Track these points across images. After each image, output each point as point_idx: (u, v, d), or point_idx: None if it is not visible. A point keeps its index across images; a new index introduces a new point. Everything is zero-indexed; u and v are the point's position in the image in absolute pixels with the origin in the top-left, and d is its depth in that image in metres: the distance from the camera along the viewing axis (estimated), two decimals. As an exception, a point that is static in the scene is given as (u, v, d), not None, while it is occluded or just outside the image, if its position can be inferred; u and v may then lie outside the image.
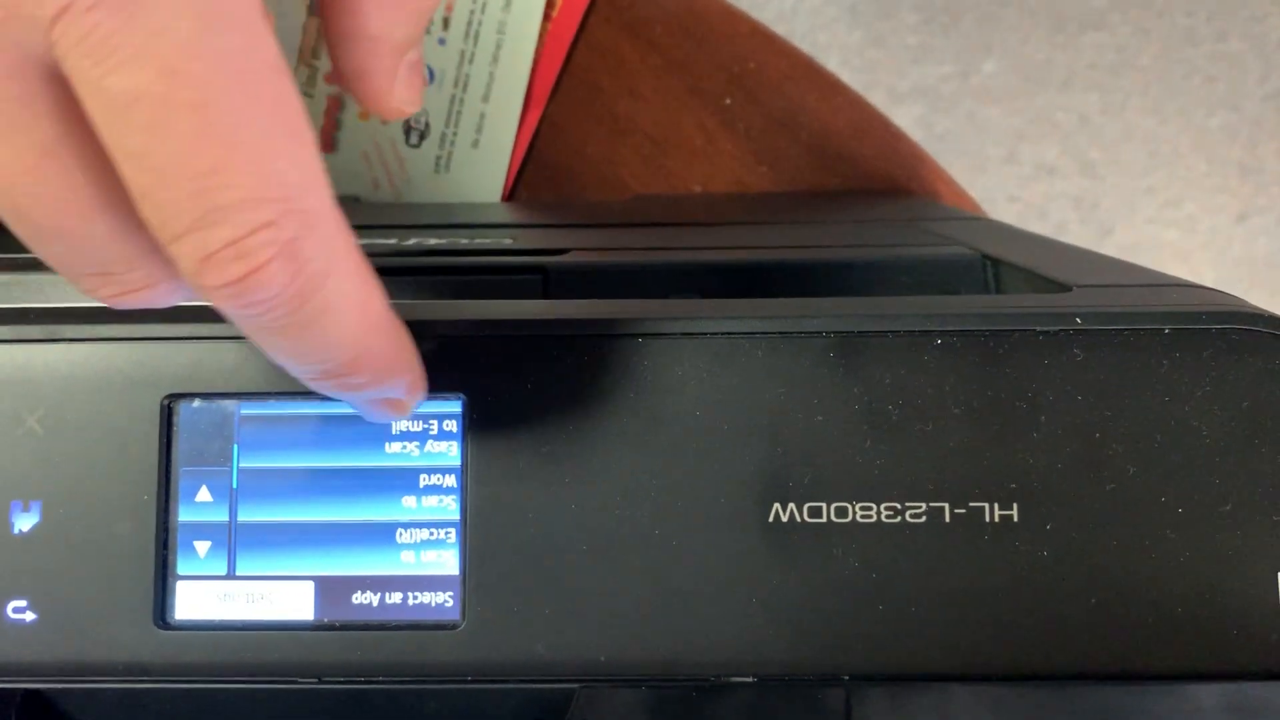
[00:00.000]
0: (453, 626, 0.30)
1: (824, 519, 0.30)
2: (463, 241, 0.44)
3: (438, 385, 0.31)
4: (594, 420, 0.30)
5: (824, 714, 0.31)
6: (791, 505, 0.30)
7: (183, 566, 0.31)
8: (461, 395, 0.31)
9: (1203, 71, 1.53)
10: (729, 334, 0.31)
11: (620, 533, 0.30)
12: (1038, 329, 0.30)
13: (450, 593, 0.31)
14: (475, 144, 0.63)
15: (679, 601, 0.30)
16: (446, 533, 0.31)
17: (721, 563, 0.30)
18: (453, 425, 0.31)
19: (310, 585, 0.31)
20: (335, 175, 0.63)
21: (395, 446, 0.31)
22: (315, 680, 0.30)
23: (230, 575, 0.31)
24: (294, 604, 0.31)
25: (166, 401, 0.31)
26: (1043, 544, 0.30)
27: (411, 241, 0.44)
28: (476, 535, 0.30)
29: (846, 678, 0.30)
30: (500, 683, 0.30)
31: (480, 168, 0.62)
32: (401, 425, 0.31)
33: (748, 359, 0.30)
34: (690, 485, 0.30)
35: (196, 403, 0.31)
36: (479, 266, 0.40)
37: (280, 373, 0.31)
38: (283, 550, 0.31)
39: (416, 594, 0.31)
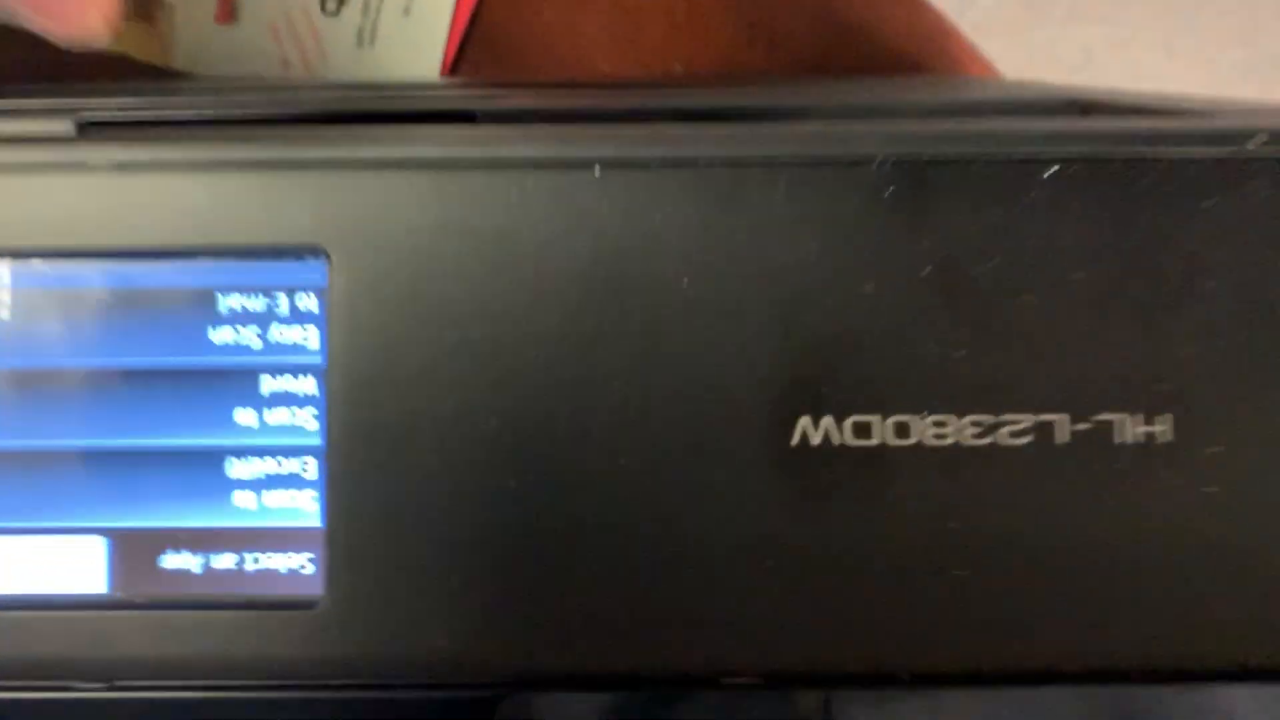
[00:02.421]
0: (311, 604, 0.20)
1: (874, 439, 0.20)
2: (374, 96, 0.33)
3: (286, 235, 0.20)
4: (527, 290, 0.20)
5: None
6: (826, 420, 0.20)
7: (-98, 515, 0.20)
8: (324, 253, 0.20)
9: (1216, 4, 1.43)
10: (734, 161, 0.20)
11: (561, 462, 0.20)
12: (1201, 152, 0.20)
13: (308, 554, 0.20)
14: (406, 11, 0.51)
15: (648, 571, 0.20)
16: (303, 463, 0.20)
17: (716, 513, 0.20)
18: (311, 300, 0.20)
19: (100, 544, 0.20)
20: (236, 52, 0.52)
21: (224, 334, 0.20)
22: (104, 686, 0.20)
23: (-26, 528, 0.20)
24: (75, 571, 0.20)
25: (-125, 265, 0.20)
26: (1206, 475, 0.19)
27: (308, 92, 0.33)
28: (348, 466, 0.20)
29: (908, 677, 0.20)
30: (379, 688, 0.20)
31: (412, 40, 0.51)
32: (233, 302, 0.20)
33: (761, 198, 0.20)
34: (675, 389, 0.20)
35: (-79, 267, 0.20)
36: (386, 112, 0.29)
37: (51, 219, 0.20)
38: (53, 492, 0.20)
39: (258, 555, 0.20)
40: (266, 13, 0.51)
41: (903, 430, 0.20)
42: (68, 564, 0.20)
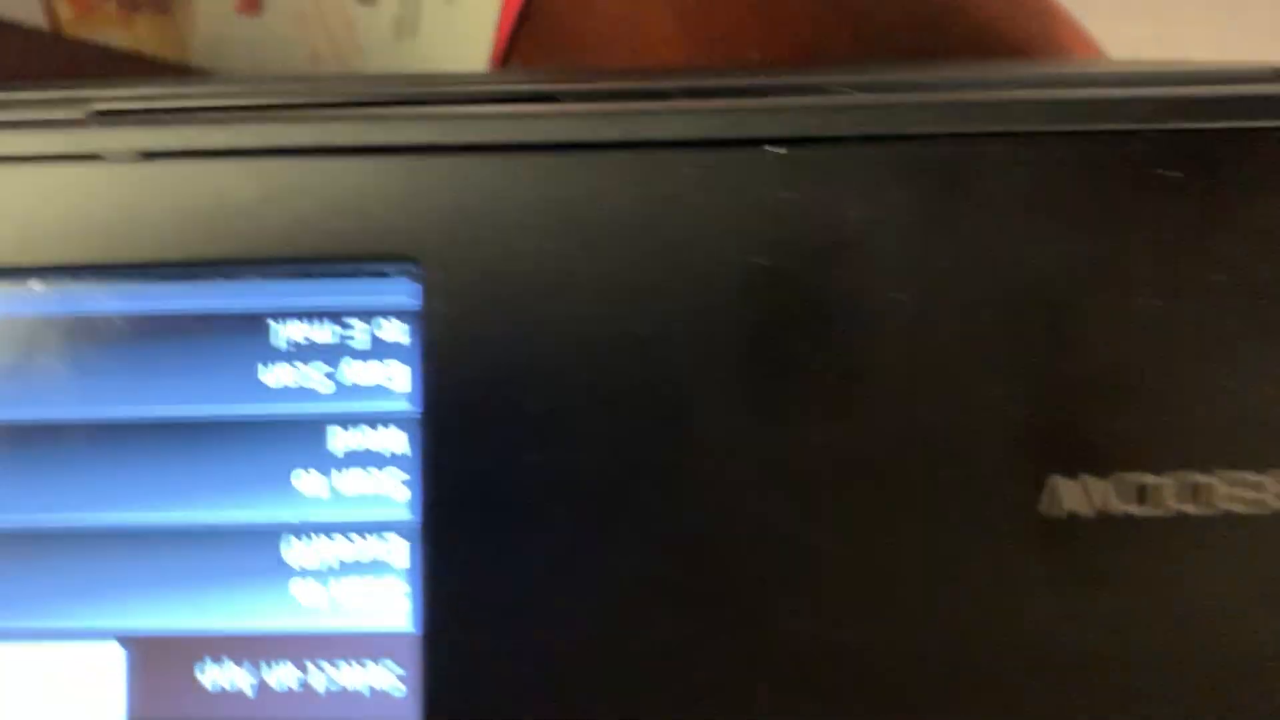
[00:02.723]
0: (401, 736, 0.15)
1: (1153, 507, 0.15)
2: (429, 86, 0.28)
3: (365, 246, 0.15)
4: (687, 308, 0.15)
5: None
6: (1085, 479, 0.15)
7: None
8: (416, 266, 0.15)
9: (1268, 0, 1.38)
10: (954, 133, 0.15)
11: (738, 547, 0.15)
12: None
13: (397, 669, 0.15)
14: (450, -2, 0.47)
15: (847, 682, 0.15)
16: (386, 544, 0.15)
17: (939, 596, 0.15)
18: (397, 329, 0.15)
19: (117, 652, 0.15)
20: (260, 44, 0.47)
21: (279, 374, 0.15)
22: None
23: (-48, 636, 0.15)
24: (84, 689, 0.15)
25: None
26: None
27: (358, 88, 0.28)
28: (450, 550, 0.15)
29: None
30: None
31: (457, 30, 0.46)
32: (291, 331, 0.15)
33: (993, 181, 0.15)
34: (884, 437, 0.15)
35: (-119, 291, 0.16)
36: (453, 97, 0.24)
37: (55, 233, 0.15)
38: (54, 584, 0.15)
39: (329, 668, 0.15)
40: (296, 3, 0.46)
41: (1195, 492, 0.15)
42: (74, 679, 0.15)
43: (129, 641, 0.15)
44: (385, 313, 0.15)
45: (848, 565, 0.15)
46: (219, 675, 0.15)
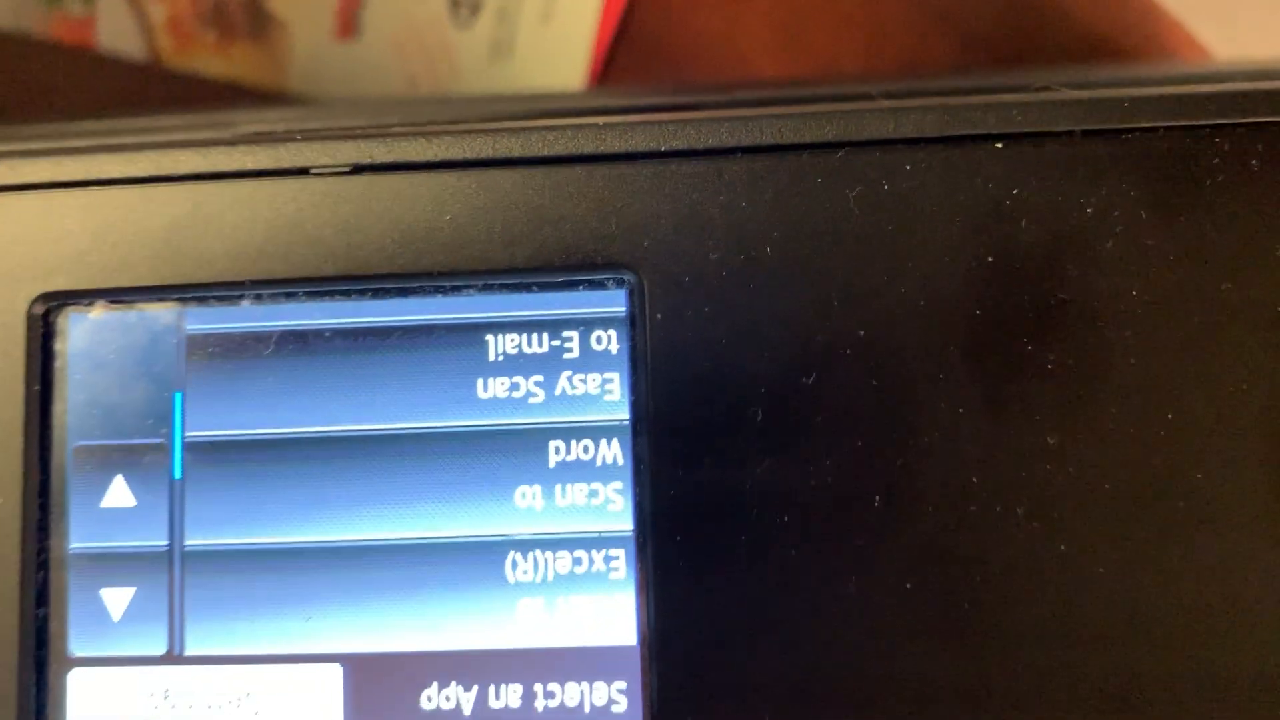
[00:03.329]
0: (631, 754, 0.15)
1: None
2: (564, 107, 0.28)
3: (577, 257, 0.15)
4: (909, 307, 0.15)
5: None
6: (1343, 480, 0.14)
7: (80, 640, 0.15)
8: (627, 275, 0.15)
9: (1331, -1, 1.35)
10: (1182, 127, 0.15)
11: (970, 547, 0.14)
12: None
13: (620, 682, 0.15)
14: (546, 18, 0.47)
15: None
16: (608, 559, 0.15)
17: (1190, 617, 0.14)
18: (611, 338, 0.15)
19: (336, 674, 0.15)
20: (357, 70, 0.48)
21: (496, 385, 0.15)
22: None
23: (174, 656, 0.15)
24: (302, 711, 0.15)
25: (40, 308, 0.15)
26: None
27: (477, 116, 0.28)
28: (672, 562, 0.15)
29: None
30: None
31: (553, 50, 0.47)
32: (509, 344, 0.15)
33: (1226, 172, 0.14)
34: (1127, 447, 0.14)
35: (98, 310, 0.16)
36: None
37: (272, 249, 0.15)
38: (277, 604, 0.15)
39: (553, 686, 0.15)
40: (391, 27, 0.46)
41: None
42: (292, 700, 0.15)
43: (350, 662, 0.15)
44: (598, 322, 0.15)
45: (1089, 570, 0.14)
46: (438, 694, 0.15)
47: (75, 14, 0.41)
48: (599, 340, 0.15)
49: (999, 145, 0.15)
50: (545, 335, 0.15)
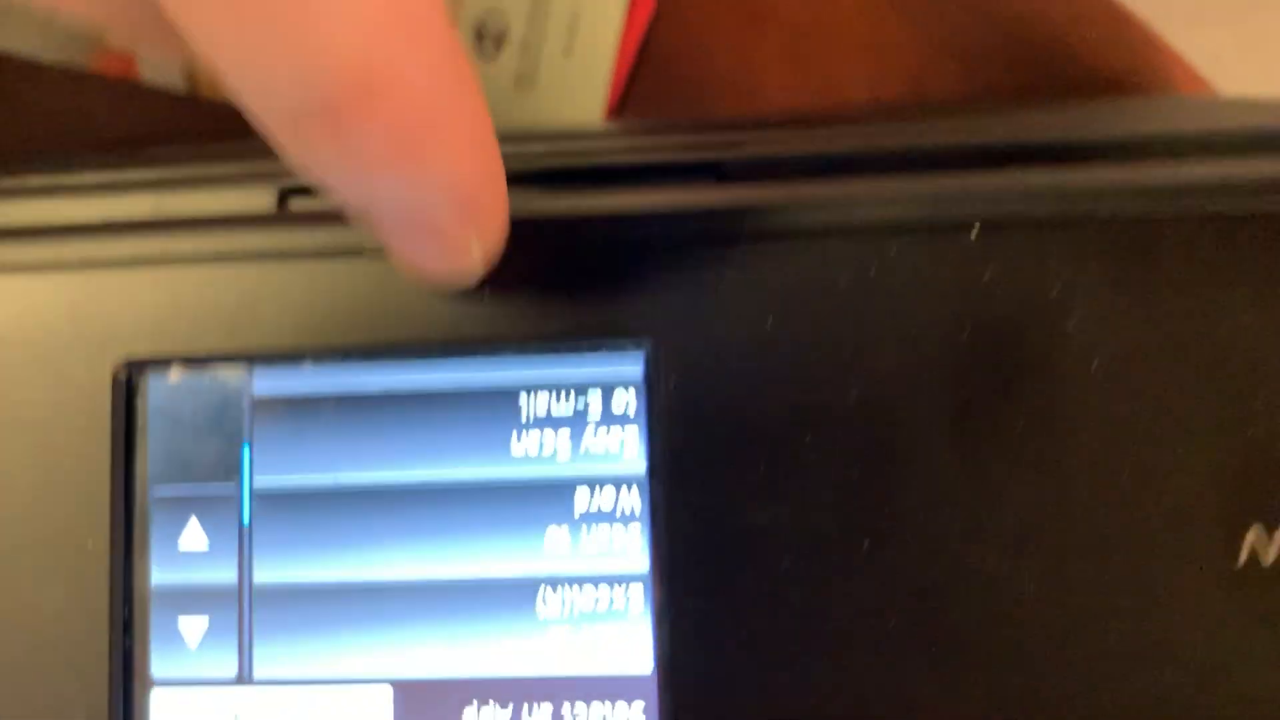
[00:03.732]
0: (648, 769, 0.16)
1: (1347, 555, 0.16)
2: (583, 144, 0.30)
3: (598, 327, 0.17)
4: (890, 379, 0.16)
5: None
6: (1281, 531, 0.16)
7: (160, 665, 0.17)
8: (646, 340, 0.17)
9: (1347, 0, 1.35)
10: (1145, 214, 0.16)
11: (951, 588, 0.16)
12: None
13: (640, 701, 0.17)
14: (567, 50, 0.48)
15: None
16: (627, 596, 0.17)
17: (1141, 649, 0.16)
18: (630, 399, 0.17)
19: (386, 695, 0.17)
20: (388, 99, 0.49)
21: (528, 441, 0.17)
22: None
23: (244, 680, 0.17)
24: (358, 727, 0.17)
25: (124, 372, 0.17)
26: None
27: (507, 149, 0.30)
28: (681, 598, 0.17)
29: None
30: None
31: (575, 81, 0.48)
32: (539, 405, 0.17)
33: (1182, 257, 0.16)
34: (1086, 498, 0.16)
35: (175, 373, 0.18)
36: (619, 167, 0.26)
37: (330, 320, 0.17)
38: (336, 634, 0.17)
39: (579, 707, 0.17)
40: (420, 58, 0.48)
41: (1383, 541, 0.16)
42: (348, 718, 0.17)
43: (399, 685, 0.17)
44: (618, 384, 0.17)
45: (1053, 614, 0.16)
46: (477, 713, 0.17)
47: (118, 48, 0.43)
48: (619, 401, 0.17)
49: (974, 232, 0.16)
50: (572, 396, 0.17)
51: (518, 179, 0.24)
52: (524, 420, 0.17)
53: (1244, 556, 0.16)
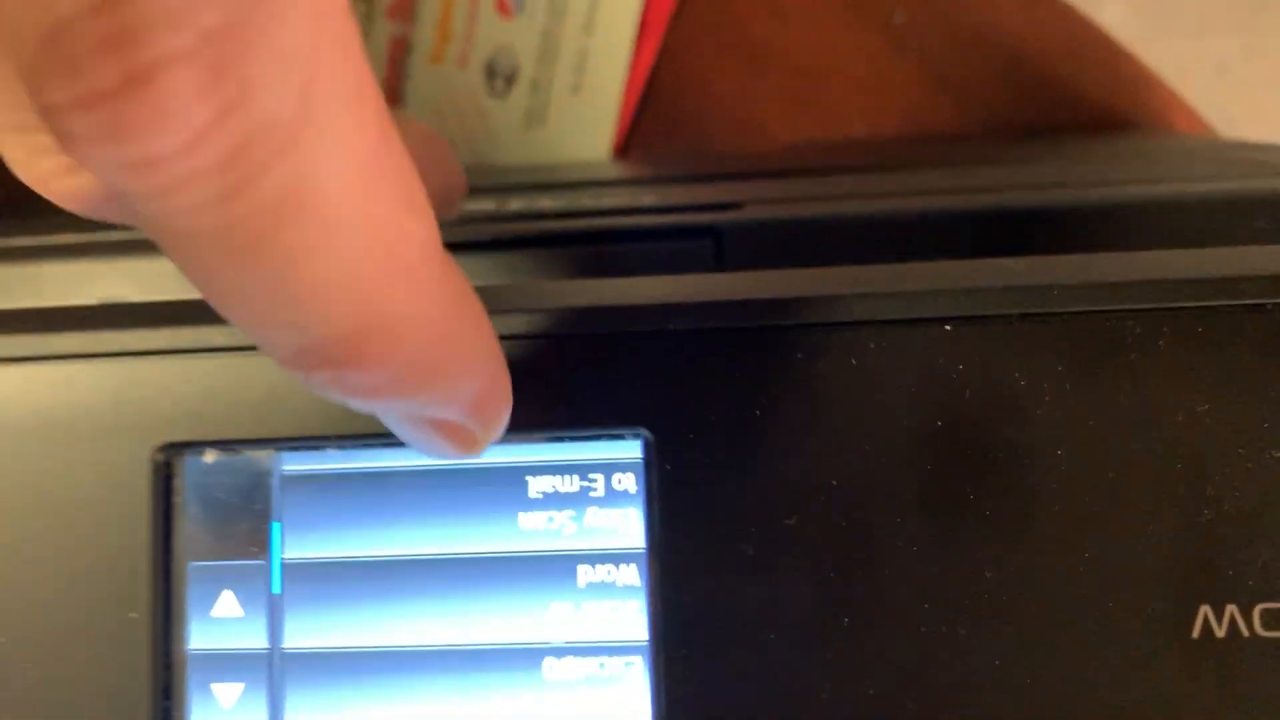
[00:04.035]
0: (646, 824, 0.18)
1: (1292, 630, 0.17)
2: (585, 202, 0.32)
3: (599, 416, 0.18)
4: (874, 465, 0.18)
5: None
6: (1232, 610, 0.17)
7: (197, 725, 0.19)
8: (642, 431, 0.18)
9: (1355, 5, 1.35)
10: (1106, 312, 0.18)
11: (928, 662, 0.17)
12: None
13: (638, 764, 0.18)
14: (575, 89, 0.50)
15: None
16: (627, 664, 0.18)
17: (1106, 716, 0.17)
18: (630, 481, 0.18)
19: (404, 751, 0.18)
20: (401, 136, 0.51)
21: (535, 519, 0.19)
22: None
23: (274, 739, 0.19)
24: (379, 782, 0.18)
25: (162, 455, 0.19)
26: None
27: (515, 205, 0.31)
28: (678, 669, 0.18)
29: None
30: None
31: (583, 118, 0.50)
32: (545, 485, 0.19)
33: (1140, 351, 0.17)
34: (1051, 577, 0.17)
35: (210, 455, 0.19)
36: (617, 231, 0.27)
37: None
38: (359, 697, 0.19)
39: (581, 766, 0.18)
40: (433, 96, 0.50)
41: (1326, 618, 0.17)
42: (370, 773, 0.18)
43: (417, 744, 0.18)
44: (619, 467, 0.18)
45: (1021, 681, 0.17)
46: (489, 770, 0.18)
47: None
48: (619, 482, 0.18)
49: (948, 327, 0.18)
50: (576, 477, 0.18)
51: (524, 244, 0.25)
52: (530, 498, 0.18)
53: (1198, 629, 0.17)
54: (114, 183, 0.11)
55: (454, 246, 0.15)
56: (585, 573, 0.18)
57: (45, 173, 0.14)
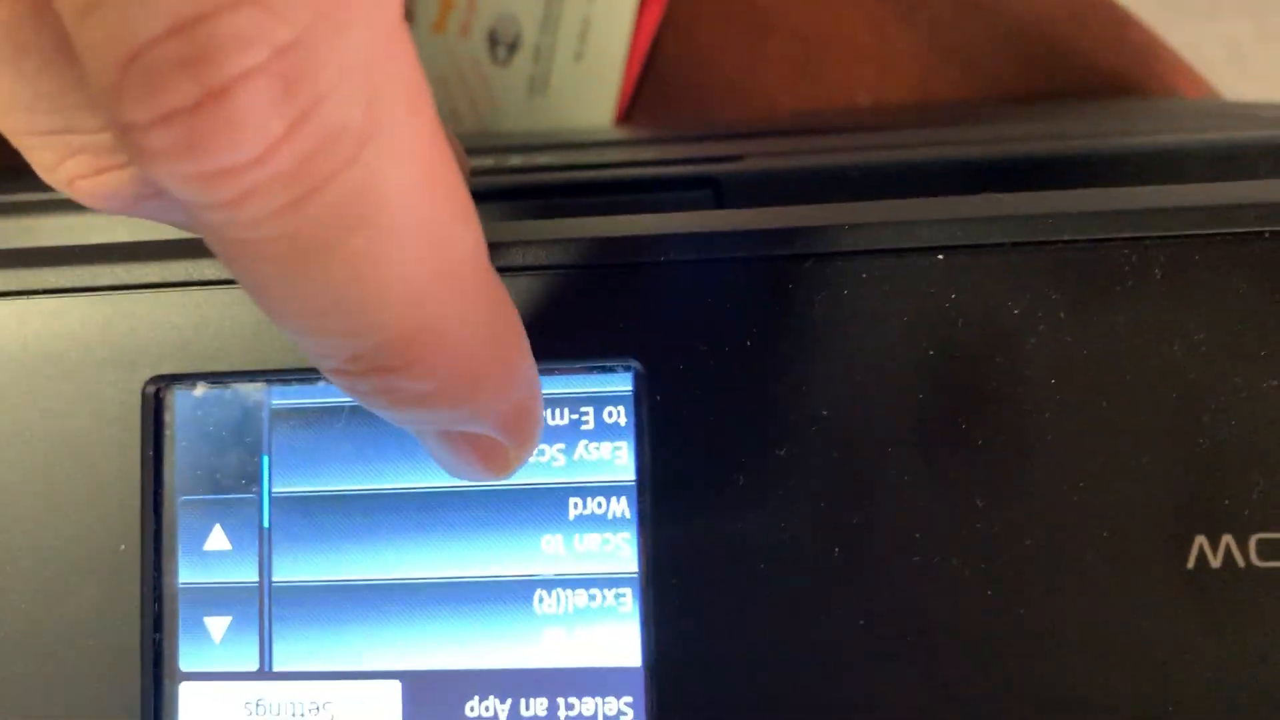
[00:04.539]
0: (636, 756, 0.18)
1: (1288, 561, 0.17)
2: (585, 158, 0.31)
3: (590, 348, 0.18)
4: (862, 395, 0.18)
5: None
6: (1227, 539, 0.17)
7: (188, 658, 0.19)
8: (633, 363, 0.18)
9: (1370, -13, 1.33)
10: (1100, 240, 0.17)
11: (916, 591, 0.17)
12: None
13: (628, 697, 0.18)
14: (578, 56, 0.50)
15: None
16: (617, 596, 0.18)
17: (1100, 649, 0.17)
18: (619, 413, 0.18)
19: (395, 688, 0.18)
20: (404, 106, 0.51)
21: (526, 452, 0.18)
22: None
23: (264, 672, 0.19)
24: (371, 716, 0.18)
25: (152, 388, 0.19)
26: None
27: (516, 160, 0.31)
28: (668, 599, 0.18)
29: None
30: None
31: (585, 86, 0.50)
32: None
33: (1135, 281, 0.17)
34: (1044, 509, 0.17)
35: (200, 389, 0.19)
36: (618, 182, 0.27)
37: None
38: (348, 630, 0.19)
39: (571, 700, 0.18)
40: (436, 65, 0.50)
41: (1323, 548, 0.17)
42: (360, 708, 0.18)
43: (407, 678, 0.18)
44: (609, 400, 0.18)
45: (1015, 613, 0.17)
46: (479, 705, 0.18)
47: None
48: (610, 414, 0.18)
49: (940, 256, 0.17)
50: (566, 410, 0.18)
51: (522, 193, 0.25)
52: (521, 433, 0.18)
53: (1193, 560, 0.17)
54: (184, 194, 0.11)
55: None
56: (576, 505, 0.18)
57: (73, 174, 0.14)
